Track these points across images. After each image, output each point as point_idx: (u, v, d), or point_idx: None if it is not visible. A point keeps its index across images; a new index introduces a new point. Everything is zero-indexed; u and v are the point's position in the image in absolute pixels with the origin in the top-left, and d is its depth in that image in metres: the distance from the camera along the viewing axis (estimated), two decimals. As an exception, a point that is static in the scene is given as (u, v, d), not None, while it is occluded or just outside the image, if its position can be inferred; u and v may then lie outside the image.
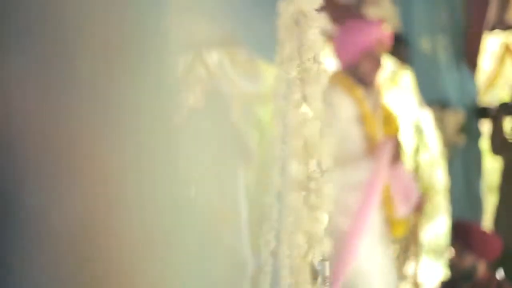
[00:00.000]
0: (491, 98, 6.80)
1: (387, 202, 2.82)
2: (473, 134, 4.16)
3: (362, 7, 5.74)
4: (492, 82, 6.35)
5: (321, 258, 0.79)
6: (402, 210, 2.82)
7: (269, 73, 6.14)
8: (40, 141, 0.49)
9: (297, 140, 0.65)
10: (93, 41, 0.49)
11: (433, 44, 4.06)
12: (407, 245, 5.72)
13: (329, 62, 6.39)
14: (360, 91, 2.86)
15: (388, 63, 6.18)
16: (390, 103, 3.30)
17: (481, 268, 3.17)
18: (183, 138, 0.59)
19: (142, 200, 0.53)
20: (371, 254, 2.75)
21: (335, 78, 2.89)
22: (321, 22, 0.74)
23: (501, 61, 6.18)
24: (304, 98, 0.70)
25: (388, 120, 2.96)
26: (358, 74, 2.86)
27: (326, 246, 0.76)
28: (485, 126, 4.36)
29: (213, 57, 6.05)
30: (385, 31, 2.85)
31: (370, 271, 2.75)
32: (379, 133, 2.87)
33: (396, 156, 2.79)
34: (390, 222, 2.87)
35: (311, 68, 0.75)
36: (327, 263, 0.86)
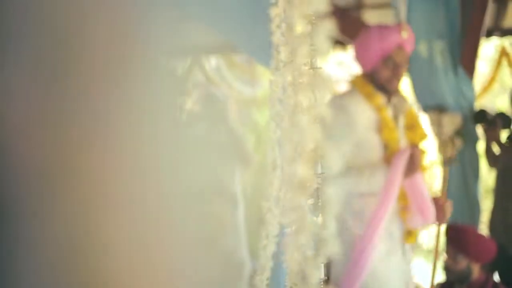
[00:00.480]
0: (488, 102, 6.82)
1: (403, 211, 2.76)
2: (470, 138, 4.17)
3: (361, 11, 5.76)
4: (488, 86, 6.38)
5: (323, 261, 0.79)
6: (415, 221, 2.73)
7: (266, 78, 6.15)
8: (35, 144, 0.49)
9: (295, 144, 0.65)
10: (92, 45, 0.50)
11: (430, 49, 4.07)
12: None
13: (329, 67, 6.41)
14: (380, 98, 2.76)
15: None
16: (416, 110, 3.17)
17: (476, 271, 3.18)
18: (181, 142, 0.59)
19: (138, 203, 0.54)
20: (388, 260, 2.70)
21: (355, 84, 2.80)
22: (326, 26, 0.74)
23: (497, 65, 6.21)
24: (300, 103, 0.71)
25: (413, 128, 2.86)
26: (378, 80, 2.76)
27: (329, 250, 0.76)
28: (482, 132, 4.38)
29: (211, 62, 6.07)
30: (406, 36, 2.71)
31: (388, 277, 2.71)
32: (399, 141, 2.77)
33: (415, 165, 2.67)
34: (405, 229, 2.82)
35: (307, 73, 0.76)
36: (322, 266, 0.87)
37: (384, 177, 2.62)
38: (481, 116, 4.24)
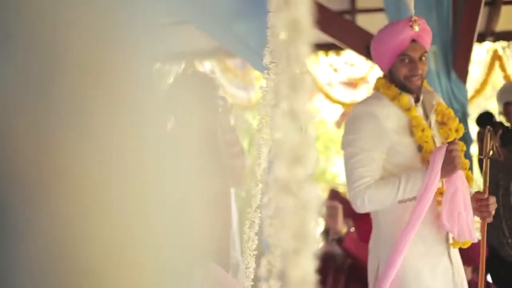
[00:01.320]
0: (480, 105, 6.84)
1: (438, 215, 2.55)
2: (463, 140, 4.19)
3: (354, 15, 5.79)
4: (481, 89, 6.41)
5: (304, 259, 0.80)
6: (448, 226, 2.48)
7: (259, 81, 6.18)
8: (26, 151, 0.50)
9: (283, 146, 0.67)
10: (79, 51, 0.51)
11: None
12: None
13: (322, 70, 6.44)
14: (406, 98, 2.58)
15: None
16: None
17: (468, 273, 3.20)
18: (170, 146, 0.60)
19: (130, 206, 0.54)
20: (425, 261, 2.53)
21: (378, 87, 2.64)
22: (312, 31, 0.75)
23: (490, 69, 6.25)
24: (291, 107, 0.72)
25: (447, 123, 2.66)
26: (398, 80, 2.58)
27: (314, 249, 0.78)
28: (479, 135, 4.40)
29: (205, 66, 6.08)
30: (418, 29, 2.51)
31: (428, 278, 2.52)
32: (433, 140, 2.58)
33: (453, 162, 2.44)
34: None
35: (299, 78, 0.77)
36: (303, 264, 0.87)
37: (420, 180, 2.46)
38: (487, 118, 4.25)
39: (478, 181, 5.10)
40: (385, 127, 2.52)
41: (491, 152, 2.71)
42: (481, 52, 6.39)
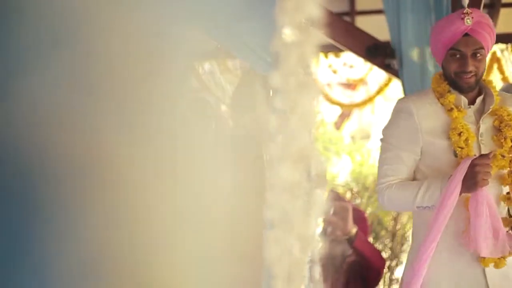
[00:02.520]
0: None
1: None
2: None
3: (353, 17, 5.80)
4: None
5: (311, 262, 0.81)
6: (474, 245, 2.29)
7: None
8: (69, 147, 0.52)
9: (287, 147, 0.68)
10: (113, 56, 0.52)
11: (422, 54, 4.11)
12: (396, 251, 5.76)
13: (321, 73, 6.44)
14: (452, 97, 2.38)
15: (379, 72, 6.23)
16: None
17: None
18: (206, 151, 0.61)
19: (164, 208, 0.56)
20: (449, 271, 2.38)
21: (432, 83, 2.47)
22: (316, 34, 0.76)
23: (488, 71, 6.27)
24: (294, 108, 0.73)
25: (502, 131, 2.39)
26: (449, 75, 2.40)
27: (317, 250, 0.79)
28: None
29: (205, 67, 6.09)
30: (470, 23, 2.31)
31: (448, 284, 2.37)
32: (473, 147, 2.35)
33: (474, 178, 2.22)
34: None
35: (302, 79, 0.78)
36: (317, 267, 0.89)
37: (439, 191, 2.28)
38: None
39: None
40: (418, 126, 2.38)
41: None
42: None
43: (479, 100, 2.44)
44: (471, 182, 2.24)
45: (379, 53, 4.24)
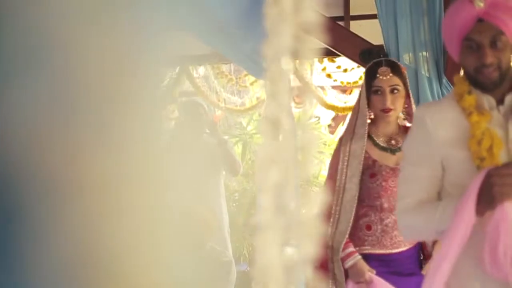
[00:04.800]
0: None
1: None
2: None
3: (348, 21, 5.82)
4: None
5: (302, 263, 0.82)
6: (489, 267, 1.86)
7: (254, 87, 6.21)
8: (54, 158, 0.54)
9: (279, 150, 0.69)
10: (91, 65, 0.54)
11: (415, 59, 4.14)
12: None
13: (315, 77, 6.48)
14: (470, 99, 1.97)
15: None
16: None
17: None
18: (169, 150, 0.64)
19: (140, 212, 0.58)
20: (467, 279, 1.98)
21: (454, 84, 2.09)
22: (316, 38, 0.78)
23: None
24: (283, 111, 0.74)
25: None
26: (468, 72, 2.00)
27: (308, 253, 0.80)
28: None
29: (199, 71, 6.11)
30: (482, 5, 1.90)
31: None
32: (499, 156, 1.92)
33: (489, 195, 1.81)
34: None
35: (296, 83, 0.79)
36: (309, 269, 0.90)
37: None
38: None
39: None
40: (434, 137, 2.00)
41: None
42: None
43: (509, 98, 1.98)
44: (487, 197, 1.83)
45: (373, 57, 4.26)
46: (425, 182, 2.03)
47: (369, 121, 3.11)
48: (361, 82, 7.25)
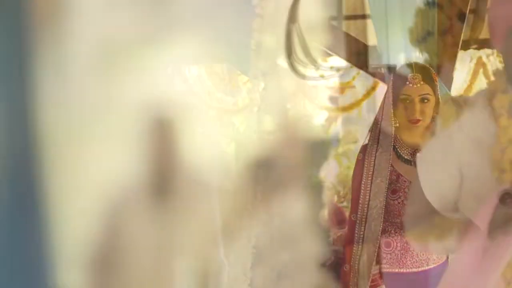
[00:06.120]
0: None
1: None
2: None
3: (341, 21, 5.83)
4: (465, 95, 6.48)
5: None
6: None
7: (246, 86, 6.20)
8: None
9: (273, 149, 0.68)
10: (89, 55, 0.54)
11: (410, 59, 4.15)
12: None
13: (311, 77, 6.48)
14: (503, 99, 1.65)
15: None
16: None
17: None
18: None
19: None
20: None
21: (493, 79, 1.77)
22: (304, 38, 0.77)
23: (474, 76, 6.33)
24: (282, 111, 0.73)
25: None
26: (509, 67, 1.65)
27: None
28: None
29: (192, 71, 6.11)
30: None
31: None
32: None
33: (507, 224, 1.50)
34: None
35: (289, 84, 0.79)
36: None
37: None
38: None
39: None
40: (453, 143, 1.72)
41: None
42: (465, 59, 6.46)
43: None
44: (501, 230, 1.52)
45: (366, 58, 4.26)
46: (443, 194, 1.76)
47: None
48: (354, 82, 7.27)
